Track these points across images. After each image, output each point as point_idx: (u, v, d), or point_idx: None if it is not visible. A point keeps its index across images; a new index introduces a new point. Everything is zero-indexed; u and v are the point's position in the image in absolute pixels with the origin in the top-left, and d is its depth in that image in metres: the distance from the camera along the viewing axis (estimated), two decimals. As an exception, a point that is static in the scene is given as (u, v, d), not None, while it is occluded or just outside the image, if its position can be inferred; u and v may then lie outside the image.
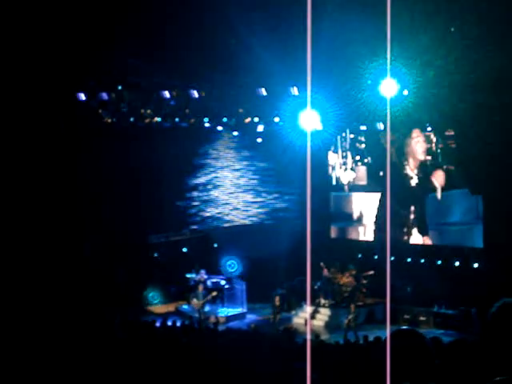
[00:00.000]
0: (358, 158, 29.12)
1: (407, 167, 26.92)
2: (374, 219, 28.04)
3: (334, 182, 29.94)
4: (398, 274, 24.70)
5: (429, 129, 25.74)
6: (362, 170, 29.23)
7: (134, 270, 27.13)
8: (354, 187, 29.51)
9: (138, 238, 28.10)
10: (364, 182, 29.23)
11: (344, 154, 29.38)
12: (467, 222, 25.76)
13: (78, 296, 22.51)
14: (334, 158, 29.71)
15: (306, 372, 3.91)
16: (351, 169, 29.40)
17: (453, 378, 3.80)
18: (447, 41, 20.94)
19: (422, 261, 27.31)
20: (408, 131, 26.51)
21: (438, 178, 26.27)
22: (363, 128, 27.47)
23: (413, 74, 21.57)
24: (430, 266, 26.75)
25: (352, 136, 28.89)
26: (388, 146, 26.93)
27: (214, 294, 26.65)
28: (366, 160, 28.92)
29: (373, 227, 28.46)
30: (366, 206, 29.15)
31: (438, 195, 26.23)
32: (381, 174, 28.24)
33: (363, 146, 28.81)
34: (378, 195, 28.12)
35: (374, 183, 28.56)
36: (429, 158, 26.59)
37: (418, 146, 26.41)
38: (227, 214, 31.49)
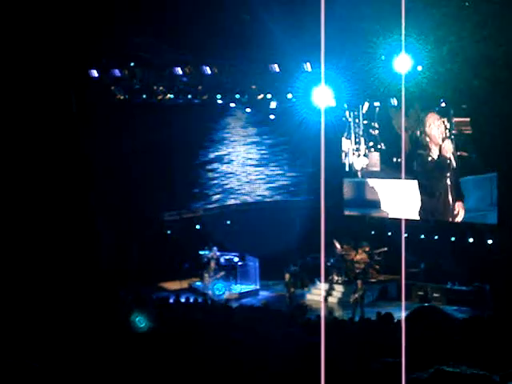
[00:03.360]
0: (371, 144, 28.88)
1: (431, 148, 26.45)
2: (420, 203, 27.39)
3: (347, 169, 29.70)
4: (411, 250, 24.71)
5: (443, 105, 25.53)
6: (376, 156, 29.01)
7: (148, 247, 27.21)
8: (367, 173, 29.29)
9: (151, 215, 28.15)
10: (377, 169, 28.94)
11: (357, 139, 29.17)
12: (482, 208, 25.50)
13: (91, 274, 22.60)
14: (347, 144, 29.46)
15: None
16: (364, 155, 29.18)
17: (471, 353, 3.78)
18: (461, 16, 20.77)
19: (436, 237, 27.25)
20: (423, 113, 26.17)
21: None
22: (377, 104, 27.29)
23: (427, 49, 21.42)
24: (444, 243, 26.69)
25: (365, 122, 28.69)
26: (403, 123, 26.74)
27: (222, 273, 26.66)
28: (379, 146, 28.72)
29: (418, 209, 27.50)
30: (382, 192, 28.86)
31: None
32: (394, 160, 28.14)
33: (376, 132, 28.60)
34: (393, 181, 27.81)
35: (388, 169, 28.40)
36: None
37: (434, 131, 26.05)
38: (240, 191, 31.49)
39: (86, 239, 23.99)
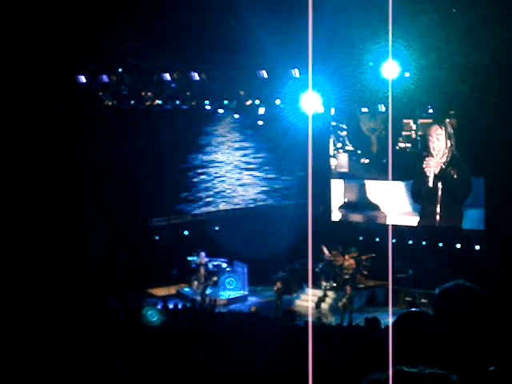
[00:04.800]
0: (339, 145, 29.04)
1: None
2: (420, 208, 27.22)
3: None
4: (399, 256, 24.76)
5: (430, 111, 25.65)
6: (344, 157, 29.20)
7: (136, 253, 27.15)
8: (336, 174, 29.48)
9: (139, 221, 28.10)
10: (346, 170, 29.23)
11: None
12: None
13: (79, 280, 22.54)
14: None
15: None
16: (333, 156, 29.30)
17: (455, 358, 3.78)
18: (448, 23, 20.85)
19: (424, 243, 27.31)
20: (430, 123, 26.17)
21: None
22: (364, 110, 27.38)
23: (414, 55, 21.49)
24: (432, 249, 26.74)
25: (334, 123, 28.84)
26: (390, 128, 26.84)
27: (215, 279, 26.66)
28: (347, 147, 28.94)
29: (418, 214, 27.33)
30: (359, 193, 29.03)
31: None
32: (362, 161, 28.51)
33: (344, 133, 28.80)
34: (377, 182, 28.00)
35: (356, 170, 28.71)
36: (409, 145, 26.63)
37: (433, 144, 25.97)
38: (228, 196, 31.47)
39: (74, 244, 23.94)
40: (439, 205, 26.04)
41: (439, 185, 25.79)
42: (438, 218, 26.28)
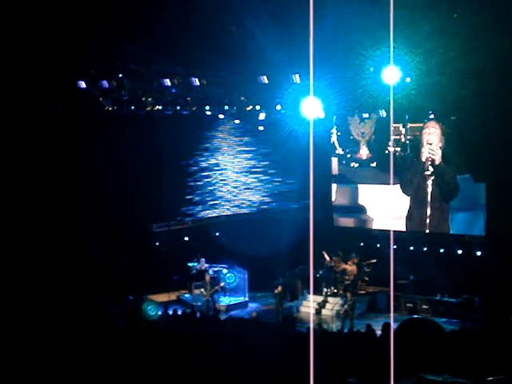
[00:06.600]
0: None
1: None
2: (407, 212, 27.36)
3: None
4: (400, 262, 24.72)
5: (431, 116, 25.66)
6: (334, 161, 29.38)
7: (136, 258, 27.12)
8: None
9: (140, 226, 28.07)
10: (336, 173, 29.51)
11: None
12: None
13: (79, 285, 22.49)
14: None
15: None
16: None
17: (462, 366, 3.74)
18: (449, 28, 20.86)
19: (425, 249, 27.27)
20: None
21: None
22: (365, 115, 27.42)
23: (415, 61, 21.50)
24: (433, 255, 26.70)
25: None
26: (391, 133, 26.85)
27: (222, 284, 26.58)
28: (336, 151, 29.09)
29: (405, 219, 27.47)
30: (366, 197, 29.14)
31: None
32: (351, 165, 28.89)
33: (335, 137, 28.97)
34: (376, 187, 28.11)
35: (346, 174, 28.91)
36: (398, 149, 26.74)
37: (430, 137, 26.05)
38: (229, 202, 31.45)
39: (74, 251, 23.89)
40: (429, 200, 26.22)
41: (430, 179, 25.98)
42: (428, 220, 26.41)
